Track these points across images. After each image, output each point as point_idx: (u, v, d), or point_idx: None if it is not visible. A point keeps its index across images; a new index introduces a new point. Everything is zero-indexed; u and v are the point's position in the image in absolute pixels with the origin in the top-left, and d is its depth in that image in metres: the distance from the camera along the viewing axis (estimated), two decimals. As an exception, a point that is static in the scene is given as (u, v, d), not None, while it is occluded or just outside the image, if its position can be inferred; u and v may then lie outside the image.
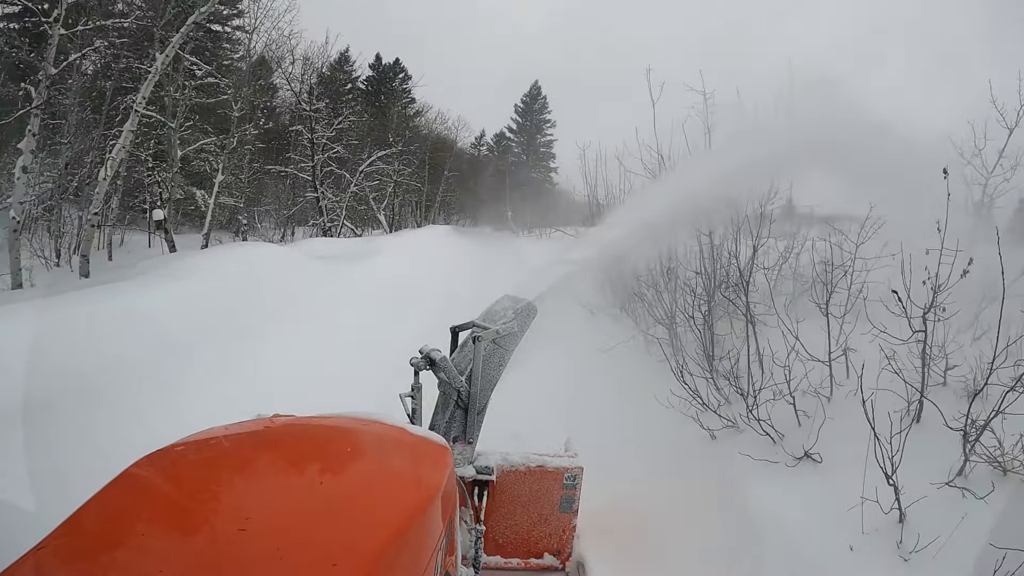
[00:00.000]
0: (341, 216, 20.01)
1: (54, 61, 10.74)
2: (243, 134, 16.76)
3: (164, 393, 4.44)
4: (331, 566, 1.21)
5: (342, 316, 7.99)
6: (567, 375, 5.71)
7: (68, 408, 3.81)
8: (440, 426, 2.72)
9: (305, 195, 20.08)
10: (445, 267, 12.94)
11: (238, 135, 16.64)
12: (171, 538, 1.32)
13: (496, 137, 45.92)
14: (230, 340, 5.60)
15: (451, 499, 1.91)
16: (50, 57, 10.77)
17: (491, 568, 3.02)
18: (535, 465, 3.00)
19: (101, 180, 11.31)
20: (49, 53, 10.75)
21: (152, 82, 11.60)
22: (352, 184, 19.95)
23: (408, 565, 1.40)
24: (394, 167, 23.54)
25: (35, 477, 3.02)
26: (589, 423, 4.43)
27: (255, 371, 5.12)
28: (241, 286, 6.88)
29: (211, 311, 5.95)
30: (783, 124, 5.29)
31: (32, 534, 1.27)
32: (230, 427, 1.87)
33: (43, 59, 10.81)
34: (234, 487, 1.59)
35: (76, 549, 1.27)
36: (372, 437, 1.95)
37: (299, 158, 19.59)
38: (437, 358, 2.59)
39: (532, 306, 3.13)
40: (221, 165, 16.48)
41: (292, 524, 1.37)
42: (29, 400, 3.58)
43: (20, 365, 3.69)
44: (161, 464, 1.61)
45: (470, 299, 3.99)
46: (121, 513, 1.40)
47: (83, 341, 4.43)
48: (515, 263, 14.87)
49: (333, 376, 5.36)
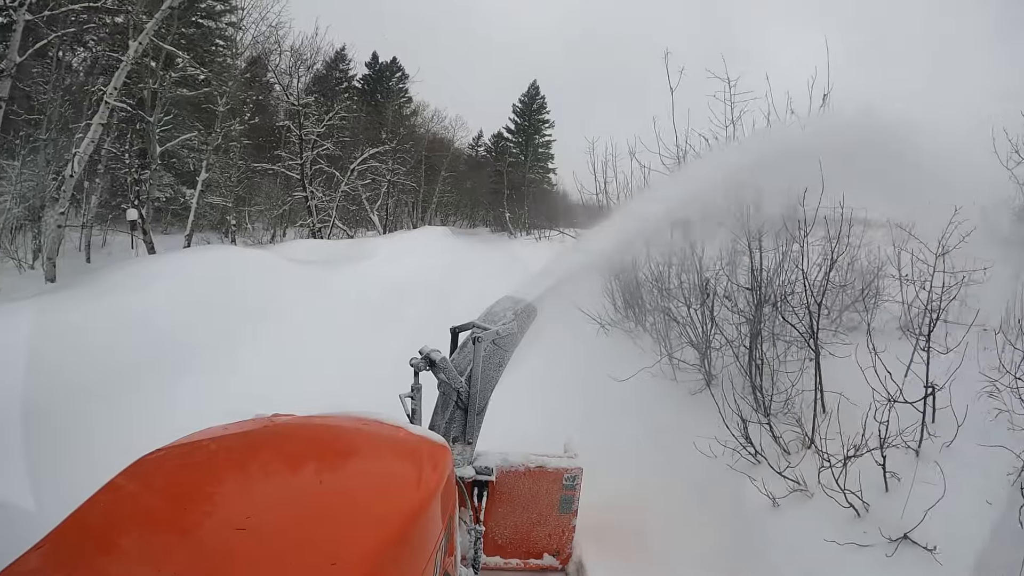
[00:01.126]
0: (332, 217, 19.07)
1: (30, 52, 10.03)
2: (228, 130, 15.86)
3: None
4: (330, 566, 1.20)
5: (323, 331, 7.19)
6: (573, 414, 4.28)
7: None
8: (440, 426, 2.71)
9: (293, 194, 19.11)
10: (439, 273, 12.12)
11: (223, 131, 15.77)
12: (170, 538, 1.31)
13: (494, 138, 45.30)
14: (168, 373, 4.70)
15: (450, 499, 1.91)
16: (14, 45, 9.97)
17: (490, 568, 3.00)
18: (535, 466, 2.99)
19: (68, 177, 10.49)
20: (13, 41, 9.95)
21: (124, 71, 10.77)
22: (343, 183, 18.99)
23: (407, 565, 1.41)
24: (388, 166, 22.66)
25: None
26: (608, 489, 3.42)
27: (196, 406, 4.12)
28: (199, 297, 6.07)
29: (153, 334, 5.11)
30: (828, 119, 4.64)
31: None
32: (229, 427, 1.86)
33: (7, 47, 10.02)
34: (233, 487, 1.58)
35: (75, 549, 1.26)
36: (371, 437, 1.95)
37: (288, 155, 18.64)
38: (437, 359, 2.59)
39: (532, 307, 3.13)
40: (205, 163, 15.64)
41: (291, 524, 1.37)
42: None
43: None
44: (161, 464, 1.61)
45: (465, 309, 3.31)
46: (121, 512, 1.40)
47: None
48: (511, 265, 14.22)
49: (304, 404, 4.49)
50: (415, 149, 27.68)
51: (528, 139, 44.37)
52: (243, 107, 16.90)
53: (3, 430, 3.37)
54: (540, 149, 44.84)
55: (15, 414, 3.47)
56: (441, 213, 39.76)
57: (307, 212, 18.40)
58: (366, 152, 20.29)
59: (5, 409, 3.48)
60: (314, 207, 18.52)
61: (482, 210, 43.24)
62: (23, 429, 3.40)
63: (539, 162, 44.58)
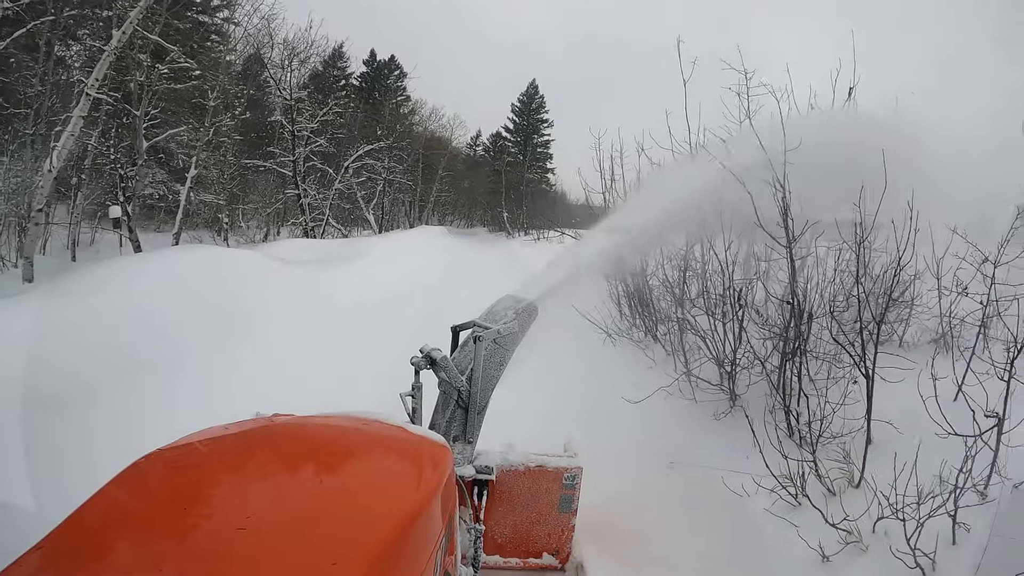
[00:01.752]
0: (326, 215, 18.52)
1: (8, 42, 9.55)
2: (218, 125, 15.37)
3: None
4: (330, 566, 1.19)
5: (309, 335, 6.76)
6: (582, 445, 3.36)
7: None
8: (440, 425, 2.70)
9: (285, 192, 18.54)
10: (436, 274, 11.67)
11: (213, 126, 15.29)
12: (171, 537, 1.29)
13: (492, 137, 44.93)
14: (122, 390, 4.17)
15: (451, 499, 1.90)
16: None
17: (490, 567, 2.98)
18: (535, 465, 2.98)
19: (46, 172, 10.02)
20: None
21: (107, 61, 10.30)
22: (337, 180, 18.44)
23: (408, 565, 1.39)
24: (384, 163, 22.14)
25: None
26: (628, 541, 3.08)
27: (158, 422, 3.67)
28: (168, 300, 5.60)
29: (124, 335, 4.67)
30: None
31: None
32: (230, 426, 1.85)
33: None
34: (234, 486, 1.57)
35: (75, 549, 1.25)
36: (372, 437, 1.94)
37: (280, 152, 18.02)
38: (438, 357, 2.59)
39: (533, 306, 3.14)
40: (194, 159, 15.16)
41: (291, 524, 1.35)
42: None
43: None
44: (161, 463, 1.59)
45: (462, 315, 3.05)
46: (121, 512, 1.39)
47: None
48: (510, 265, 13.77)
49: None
50: (412, 147, 27.15)
51: (527, 139, 44.01)
52: (235, 101, 16.37)
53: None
54: (539, 149, 44.48)
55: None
56: (439, 213, 39.42)
57: (300, 210, 17.83)
58: (361, 149, 19.68)
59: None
60: (307, 205, 17.97)
61: (480, 210, 42.96)
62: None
63: (537, 162, 44.22)
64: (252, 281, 7.15)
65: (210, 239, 19.31)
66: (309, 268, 9.05)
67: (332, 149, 18.97)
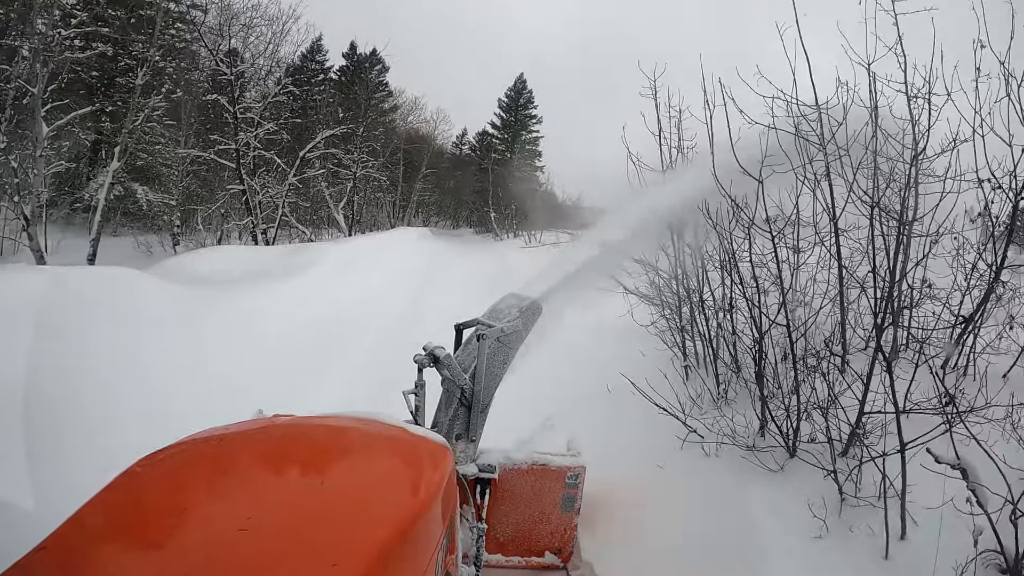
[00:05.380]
0: (279, 215, 15.57)
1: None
2: (143, 106, 12.60)
3: None
4: (331, 566, 1.19)
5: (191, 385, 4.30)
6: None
7: None
8: (443, 424, 2.69)
9: (227, 188, 15.61)
10: (404, 290, 9.15)
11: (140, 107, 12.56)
12: (171, 538, 1.30)
13: (479, 135, 42.54)
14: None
15: (452, 498, 1.90)
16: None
17: (492, 566, 2.95)
18: (538, 464, 2.96)
19: None
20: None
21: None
22: (291, 173, 15.47)
23: (409, 565, 1.40)
24: (355, 156, 19.39)
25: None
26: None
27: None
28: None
29: None
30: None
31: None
32: (230, 427, 1.82)
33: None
34: (234, 487, 1.56)
35: (77, 549, 1.24)
36: (372, 437, 1.93)
37: (221, 139, 14.88)
38: (441, 355, 2.56)
39: (537, 304, 3.12)
40: (117, 149, 12.45)
41: (292, 524, 1.35)
42: None
43: None
44: (161, 464, 1.58)
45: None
46: (122, 513, 1.39)
47: None
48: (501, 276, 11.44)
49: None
50: (389, 139, 24.45)
51: (515, 135, 41.64)
52: (166, 79, 13.61)
53: None
54: (528, 146, 42.16)
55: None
56: (423, 213, 37.21)
57: (246, 210, 14.90)
58: (322, 135, 16.57)
59: None
60: (257, 204, 15.06)
61: (466, 210, 40.82)
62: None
63: (527, 160, 41.90)
64: (103, 316, 4.56)
65: (158, 244, 16.70)
66: (221, 289, 6.47)
67: (286, 138, 16.06)
